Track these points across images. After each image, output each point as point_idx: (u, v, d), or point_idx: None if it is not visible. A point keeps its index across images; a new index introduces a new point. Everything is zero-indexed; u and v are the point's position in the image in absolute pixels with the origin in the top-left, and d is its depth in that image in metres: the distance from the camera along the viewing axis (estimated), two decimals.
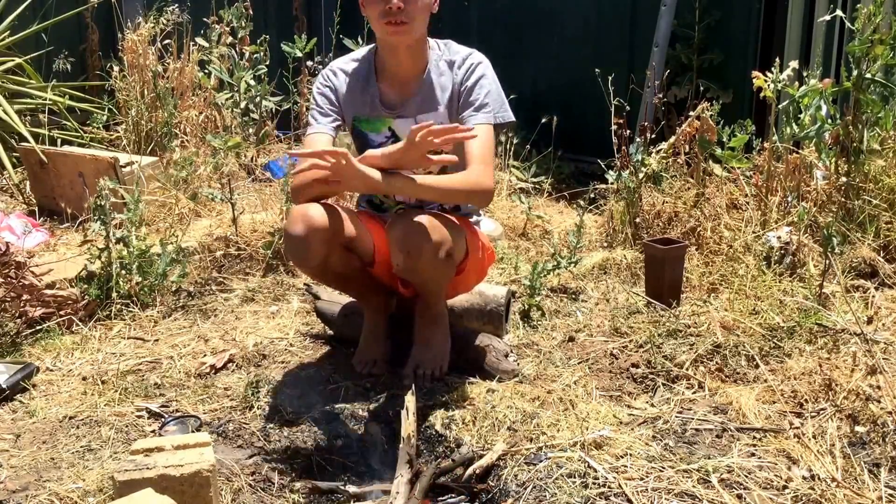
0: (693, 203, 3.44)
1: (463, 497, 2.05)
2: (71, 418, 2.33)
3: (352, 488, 2.08)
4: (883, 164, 3.30)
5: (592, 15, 5.10)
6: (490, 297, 2.71)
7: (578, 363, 2.60)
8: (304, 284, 3.10)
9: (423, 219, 2.25)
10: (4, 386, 2.45)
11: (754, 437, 2.13)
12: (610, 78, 3.65)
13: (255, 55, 4.71)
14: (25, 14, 4.93)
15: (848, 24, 3.27)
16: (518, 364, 2.56)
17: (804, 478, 1.94)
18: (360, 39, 4.22)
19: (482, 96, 2.41)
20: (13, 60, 4.74)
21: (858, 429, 2.10)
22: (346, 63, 2.51)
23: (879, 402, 2.16)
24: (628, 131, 3.72)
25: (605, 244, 3.67)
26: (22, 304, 2.83)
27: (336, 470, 2.18)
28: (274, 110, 5.02)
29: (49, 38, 4.98)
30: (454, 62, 2.45)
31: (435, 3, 2.39)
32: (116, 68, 4.85)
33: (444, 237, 2.26)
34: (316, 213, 2.26)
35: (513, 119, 2.51)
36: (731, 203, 3.43)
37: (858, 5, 3.35)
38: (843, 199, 3.26)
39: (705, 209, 3.39)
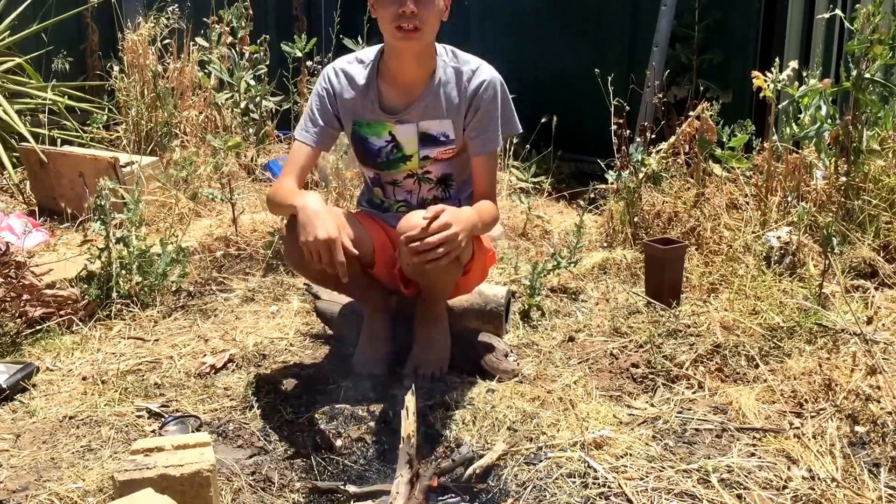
0: (693, 203, 3.44)
1: (463, 497, 2.05)
2: (71, 418, 2.34)
3: (352, 488, 2.08)
4: (883, 164, 3.30)
5: (593, 15, 5.10)
6: (490, 297, 2.72)
7: (578, 363, 2.60)
8: (304, 284, 3.10)
9: None
10: (4, 386, 2.45)
11: (754, 437, 2.13)
12: (610, 78, 3.65)
13: (255, 55, 4.71)
14: (25, 14, 4.93)
15: (847, 23, 3.27)
16: (518, 364, 2.56)
17: (804, 478, 1.94)
18: (360, 39, 4.22)
19: (493, 121, 2.42)
20: (13, 60, 4.74)
21: (858, 429, 2.10)
22: (350, 63, 2.47)
23: (879, 402, 2.16)
24: (628, 131, 3.72)
25: (605, 244, 3.67)
26: (22, 304, 2.83)
27: (336, 470, 2.18)
28: (274, 110, 5.03)
29: (49, 38, 4.98)
30: (462, 72, 2.41)
31: (446, 11, 2.35)
32: (116, 68, 4.85)
33: None
34: None
35: (520, 130, 2.52)
36: (731, 203, 3.43)
37: (857, 5, 3.36)
38: (842, 199, 3.26)
39: (705, 209, 3.39)
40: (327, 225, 2.14)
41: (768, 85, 3.25)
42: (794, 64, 3.29)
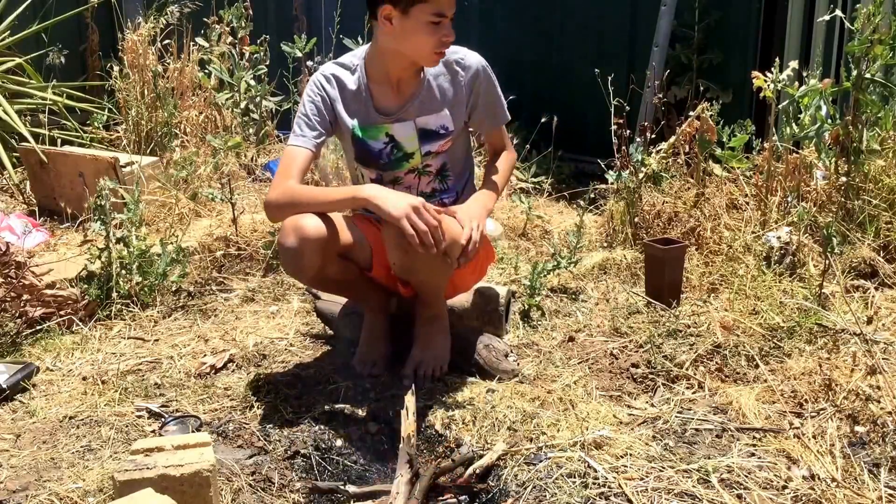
0: (693, 203, 3.44)
1: (463, 497, 2.05)
2: (71, 418, 2.34)
3: (352, 488, 2.08)
4: (883, 164, 3.30)
5: (592, 15, 5.09)
6: (490, 297, 2.72)
7: (578, 363, 2.60)
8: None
9: None
10: (4, 386, 2.45)
11: (754, 437, 2.13)
12: (610, 78, 3.64)
13: (255, 55, 4.72)
14: (25, 14, 4.93)
15: (847, 24, 3.27)
16: (518, 364, 2.56)
17: (804, 478, 1.94)
18: (360, 39, 4.22)
19: (497, 97, 2.56)
20: (13, 60, 4.74)
21: (858, 429, 2.10)
22: (337, 69, 2.47)
23: (879, 402, 2.16)
24: (628, 131, 3.71)
25: (605, 244, 3.67)
26: (22, 304, 2.83)
27: (336, 470, 2.18)
28: (274, 110, 5.03)
29: (49, 38, 4.97)
30: (450, 62, 2.45)
31: None
32: (116, 68, 4.85)
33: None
34: (309, 223, 2.24)
35: (508, 118, 2.64)
36: (731, 203, 3.42)
37: (858, 5, 3.35)
38: (842, 199, 3.26)
39: (705, 209, 3.39)
40: (404, 197, 2.22)
41: (768, 85, 3.24)
42: (794, 64, 3.29)
